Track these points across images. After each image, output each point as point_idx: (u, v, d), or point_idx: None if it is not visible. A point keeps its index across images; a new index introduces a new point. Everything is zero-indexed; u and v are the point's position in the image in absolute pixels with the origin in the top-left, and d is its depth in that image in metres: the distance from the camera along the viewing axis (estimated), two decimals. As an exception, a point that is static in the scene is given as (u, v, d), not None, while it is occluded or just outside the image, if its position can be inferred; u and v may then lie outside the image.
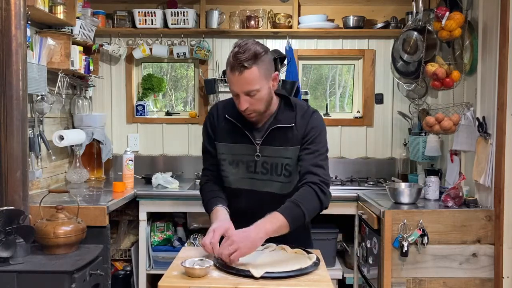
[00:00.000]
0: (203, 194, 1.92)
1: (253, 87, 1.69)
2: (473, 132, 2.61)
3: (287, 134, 1.81)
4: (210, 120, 1.91)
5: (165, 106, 3.88)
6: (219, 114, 1.89)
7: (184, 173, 3.61)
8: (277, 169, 1.83)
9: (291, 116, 1.82)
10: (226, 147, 1.86)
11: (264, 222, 1.60)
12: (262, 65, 1.69)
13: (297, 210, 1.66)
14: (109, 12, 3.52)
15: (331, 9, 3.58)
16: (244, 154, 1.84)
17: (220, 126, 1.87)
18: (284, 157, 1.82)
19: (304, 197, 1.70)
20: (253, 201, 1.85)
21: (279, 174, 1.83)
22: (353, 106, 3.80)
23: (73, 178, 3.24)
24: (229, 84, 1.73)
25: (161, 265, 3.08)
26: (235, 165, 1.85)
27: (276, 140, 1.81)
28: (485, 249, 2.48)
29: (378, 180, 3.43)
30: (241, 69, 1.66)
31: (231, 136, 1.85)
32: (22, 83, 2.13)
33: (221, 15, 3.49)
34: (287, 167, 1.82)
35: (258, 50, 1.67)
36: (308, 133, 1.81)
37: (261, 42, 3.49)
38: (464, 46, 2.73)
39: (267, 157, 1.83)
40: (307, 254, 1.67)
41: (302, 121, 1.82)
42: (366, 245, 2.76)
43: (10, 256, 1.94)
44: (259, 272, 1.45)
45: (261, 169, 1.83)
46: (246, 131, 1.82)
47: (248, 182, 1.85)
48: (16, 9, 2.09)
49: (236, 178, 1.86)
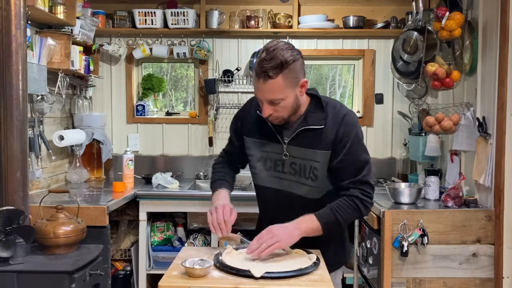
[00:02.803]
0: (216, 169, 1.98)
1: (276, 96, 1.61)
2: (473, 132, 2.61)
3: (316, 136, 1.72)
4: (243, 112, 1.89)
5: (165, 106, 3.89)
6: (252, 108, 1.84)
7: (184, 173, 3.61)
8: (305, 171, 1.75)
9: (321, 117, 1.72)
10: (253, 143, 1.83)
11: (300, 221, 1.66)
12: (289, 74, 1.59)
13: (333, 217, 1.68)
14: (109, 12, 3.52)
15: (331, 9, 3.58)
16: (272, 152, 1.79)
17: (251, 121, 1.83)
18: (312, 159, 1.73)
19: (342, 207, 1.69)
20: (281, 201, 1.82)
21: (307, 177, 1.75)
22: (353, 106, 3.79)
23: (73, 178, 3.24)
24: (254, 88, 1.67)
25: (161, 265, 3.08)
26: (263, 162, 1.82)
27: (304, 142, 1.73)
28: (485, 249, 2.48)
29: (378, 180, 3.43)
30: (266, 77, 1.58)
31: (259, 132, 1.81)
32: (22, 83, 2.13)
33: (221, 15, 3.49)
34: (315, 171, 1.73)
35: (286, 58, 1.57)
36: (340, 140, 1.70)
37: (261, 42, 3.60)
38: (464, 46, 2.73)
39: (295, 158, 1.75)
40: (307, 254, 1.67)
41: (333, 124, 1.71)
42: (366, 245, 2.76)
43: (10, 256, 1.95)
44: (259, 272, 1.45)
45: (290, 169, 1.77)
46: (274, 130, 1.76)
47: (277, 181, 1.81)
48: (16, 9, 2.09)
49: (264, 175, 1.83)
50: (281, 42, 1.63)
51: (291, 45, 1.65)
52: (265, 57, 1.57)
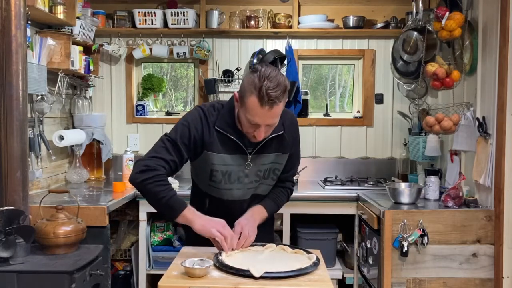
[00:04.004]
0: (162, 181, 1.72)
1: (276, 120, 1.71)
2: (473, 132, 2.61)
3: (280, 142, 1.86)
4: (197, 126, 1.78)
5: (165, 106, 3.88)
6: (210, 122, 1.79)
7: (184, 173, 3.59)
8: (269, 173, 1.89)
9: (280, 123, 1.79)
10: (219, 158, 1.80)
11: (254, 213, 1.87)
12: (286, 97, 1.68)
13: (275, 207, 1.97)
14: (109, 12, 3.52)
15: (331, 9, 3.59)
16: (236, 165, 1.82)
17: (210, 135, 1.79)
18: (277, 162, 1.89)
19: (280, 198, 1.99)
20: (238, 206, 1.89)
21: (267, 178, 1.90)
22: (353, 106, 3.80)
23: (73, 178, 3.24)
24: (252, 115, 1.65)
25: (161, 265, 3.08)
26: (228, 176, 1.83)
27: (271, 148, 1.84)
28: (485, 249, 2.48)
29: (378, 180, 3.43)
30: (272, 105, 1.62)
31: (224, 146, 1.79)
32: (22, 83, 2.13)
33: (221, 15, 3.50)
34: (276, 172, 1.91)
35: (286, 83, 1.65)
36: (294, 141, 1.92)
37: (261, 42, 3.60)
38: (464, 46, 2.73)
39: (260, 165, 1.85)
40: (307, 254, 1.67)
41: (289, 127, 1.88)
42: (366, 245, 2.76)
43: (10, 256, 1.95)
44: (259, 272, 1.45)
45: (254, 177, 1.86)
46: (239, 142, 1.79)
47: (241, 192, 1.87)
48: (16, 9, 2.09)
49: (228, 189, 1.85)
50: (269, 67, 1.65)
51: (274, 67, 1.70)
52: (270, 85, 1.60)
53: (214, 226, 1.71)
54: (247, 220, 1.82)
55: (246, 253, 1.71)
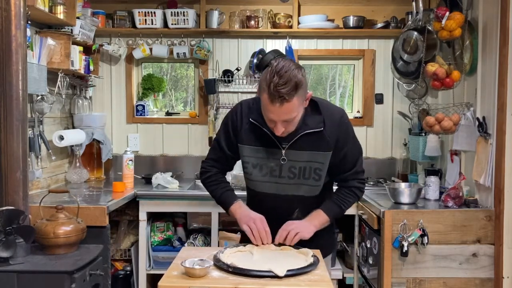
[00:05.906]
0: (214, 180, 1.93)
1: (291, 116, 1.66)
2: (473, 132, 2.61)
3: (317, 139, 1.78)
4: (233, 119, 1.86)
5: (165, 106, 3.88)
6: (244, 115, 1.84)
7: (184, 173, 3.60)
8: (305, 173, 1.81)
9: (319, 120, 1.78)
10: (250, 150, 1.82)
11: (312, 218, 1.84)
12: (301, 93, 1.63)
13: (337, 209, 1.88)
14: (109, 12, 3.52)
15: (331, 9, 3.58)
16: (269, 158, 1.81)
17: (244, 128, 1.82)
18: (314, 161, 1.80)
19: (344, 198, 1.89)
20: (277, 204, 1.86)
21: (307, 178, 1.81)
22: (353, 106, 3.80)
23: (73, 178, 3.24)
24: (266, 111, 1.67)
25: (161, 265, 3.08)
26: (259, 169, 1.83)
27: (305, 145, 1.78)
28: (485, 249, 2.48)
29: (378, 180, 3.43)
30: (283, 101, 1.59)
31: (256, 139, 1.81)
32: (22, 83, 2.13)
33: (221, 15, 3.49)
34: (318, 171, 1.81)
35: (298, 78, 1.60)
36: (341, 140, 1.80)
37: (261, 42, 3.60)
38: (464, 46, 2.73)
39: (294, 162, 1.80)
40: (307, 254, 1.67)
41: (331, 125, 1.79)
42: (366, 245, 2.76)
43: (10, 256, 1.95)
44: (282, 271, 1.46)
45: (288, 173, 1.81)
46: (272, 136, 1.78)
47: (274, 186, 1.84)
48: (16, 9, 2.09)
49: (260, 181, 1.85)
50: (287, 61, 1.63)
51: (295, 62, 1.69)
52: (279, 81, 1.57)
53: (248, 220, 1.78)
54: (299, 221, 1.82)
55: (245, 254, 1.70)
